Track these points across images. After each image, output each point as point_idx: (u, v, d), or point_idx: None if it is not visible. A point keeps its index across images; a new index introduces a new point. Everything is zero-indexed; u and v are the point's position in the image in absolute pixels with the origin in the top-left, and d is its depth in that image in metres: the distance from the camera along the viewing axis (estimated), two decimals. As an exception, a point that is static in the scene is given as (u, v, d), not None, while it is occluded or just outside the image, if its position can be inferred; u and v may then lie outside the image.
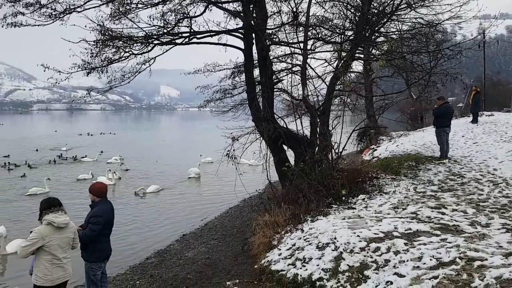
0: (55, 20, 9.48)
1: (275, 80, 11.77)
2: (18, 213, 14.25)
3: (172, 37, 10.45)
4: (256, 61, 11.42)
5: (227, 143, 11.15)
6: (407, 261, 5.52)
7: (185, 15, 10.09)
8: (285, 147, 11.40)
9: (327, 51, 13.32)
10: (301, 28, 11.91)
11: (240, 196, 15.02)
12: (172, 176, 22.27)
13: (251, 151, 11.18)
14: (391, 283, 5.18)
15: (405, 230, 6.62)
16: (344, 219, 7.77)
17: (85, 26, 9.46)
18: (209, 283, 7.66)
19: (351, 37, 11.24)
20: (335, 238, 6.74)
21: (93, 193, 6.20)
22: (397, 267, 5.47)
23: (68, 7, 9.32)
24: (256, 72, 11.85)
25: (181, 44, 10.71)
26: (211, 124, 15.80)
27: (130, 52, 10.25)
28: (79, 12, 9.46)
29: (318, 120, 11.22)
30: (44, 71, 9.55)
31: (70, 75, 9.92)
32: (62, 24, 9.65)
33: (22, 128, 76.78)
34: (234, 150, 10.99)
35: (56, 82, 9.79)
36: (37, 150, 33.40)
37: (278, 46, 12.50)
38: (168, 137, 53.89)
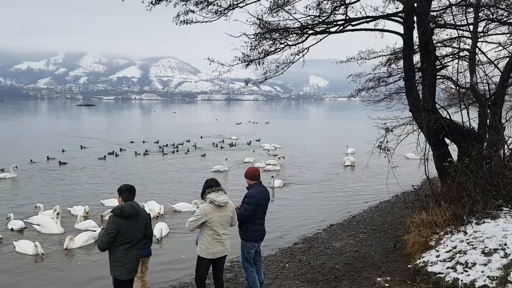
0: (220, 16, 10.27)
1: (438, 67, 10.76)
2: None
3: (326, 26, 10.38)
4: (417, 46, 10.60)
5: (379, 134, 10.64)
6: None
7: (341, 2, 9.89)
8: (447, 141, 10.40)
9: (502, 34, 11.59)
10: (471, 9, 10.61)
11: (392, 191, 14.32)
12: (323, 165, 22.74)
13: (407, 143, 10.45)
14: None
15: None
16: (518, 224, 6.78)
17: (246, 21, 10.05)
18: (358, 276, 7.49)
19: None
20: (505, 244, 6.13)
21: (247, 177, 6.57)
22: None
23: (232, 3, 10.00)
24: (416, 58, 11.03)
25: (335, 32, 10.58)
26: (360, 114, 15.37)
27: (285, 44, 10.54)
28: (241, 7, 10.09)
29: (489, 111, 10.01)
30: (210, 64, 10.50)
31: (231, 68, 10.71)
32: (226, 19, 10.44)
33: (189, 116, 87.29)
34: (387, 141, 10.44)
35: (219, 74, 10.70)
36: (201, 137, 37.31)
37: (443, 29, 11.38)
38: (316, 127, 54.66)
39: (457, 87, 10.68)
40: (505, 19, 10.48)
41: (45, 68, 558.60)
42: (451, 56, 11.69)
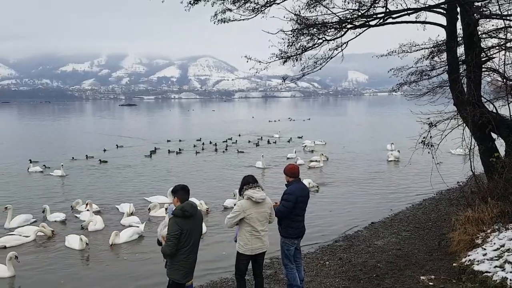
0: (257, 13, 10.29)
1: (483, 59, 10.32)
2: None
3: (366, 19, 10.19)
4: (460, 38, 10.21)
5: (423, 129, 10.35)
6: None
7: (381, -6, 9.68)
8: (494, 135, 9.98)
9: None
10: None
11: (436, 188, 13.91)
12: (365, 162, 22.52)
13: (451, 138, 10.11)
14: None
15: None
16: None
17: (284, 17, 10.03)
18: (400, 274, 7.35)
19: None
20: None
21: (286, 173, 6.58)
22: None
23: (269, -1, 10.01)
24: (460, 50, 10.61)
25: (374, 26, 10.36)
26: (402, 109, 14.98)
27: (323, 39, 10.43)
28: (278, 3, 10.08)
29: (538, 105, 9.45)
30: (247, 62, 10.57)
31: (269, 65, 10.73)
32: (263, 17, 10.46)
33: (227, 114, 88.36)
34: (431, 137, 10.13)
35: (256, 72, 10.74)
36: (239, 135, 37.56)
37: (488, 19, 10.89)
38: (357, 123, 53.90)
39: (504, 80, 10.21)
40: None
41: (89, 69, 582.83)
42: (497, 47, 11.16)
